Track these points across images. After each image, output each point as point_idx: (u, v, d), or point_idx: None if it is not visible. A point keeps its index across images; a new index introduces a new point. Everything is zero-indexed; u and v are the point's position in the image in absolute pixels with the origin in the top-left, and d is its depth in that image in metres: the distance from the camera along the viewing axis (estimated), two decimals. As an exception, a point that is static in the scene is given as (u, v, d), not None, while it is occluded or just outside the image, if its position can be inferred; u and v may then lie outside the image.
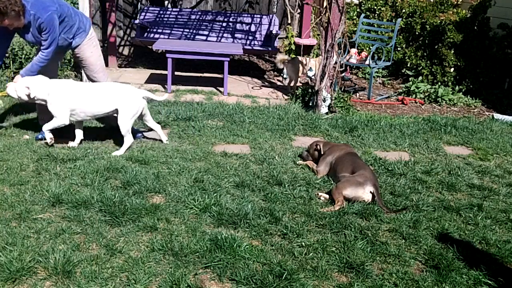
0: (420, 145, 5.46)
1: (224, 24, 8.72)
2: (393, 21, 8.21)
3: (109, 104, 4.77)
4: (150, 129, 5.21)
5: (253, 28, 8.66)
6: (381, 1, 8.87)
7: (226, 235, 3.38)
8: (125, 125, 4.76)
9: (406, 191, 4.31)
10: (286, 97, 7.13)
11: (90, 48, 5.02)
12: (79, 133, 4.93)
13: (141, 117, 4.97)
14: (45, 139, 4.89)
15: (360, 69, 8.78)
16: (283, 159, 4.83)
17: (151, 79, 7.64)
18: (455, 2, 8.30)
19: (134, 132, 5.21)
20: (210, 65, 8.43)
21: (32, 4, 4.55)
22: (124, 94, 4.80)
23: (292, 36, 8.74)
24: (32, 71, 4.79)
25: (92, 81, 5.10)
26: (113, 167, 4.34)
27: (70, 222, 3.50)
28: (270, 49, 8.43)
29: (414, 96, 7.57)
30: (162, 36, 8.38)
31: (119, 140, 5.09)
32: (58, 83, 4.80)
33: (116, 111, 4.78)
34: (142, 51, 9.33)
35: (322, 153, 4.67)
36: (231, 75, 7.67)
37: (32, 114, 5.70)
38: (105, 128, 5.36)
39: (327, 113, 6.32)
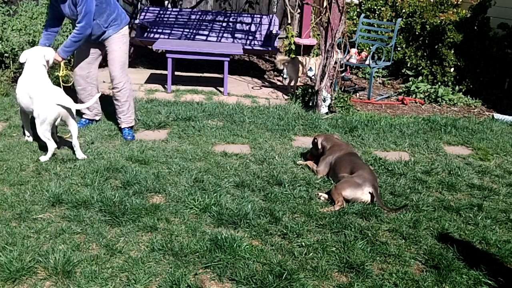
0: (420, 145, 5.46)
1: (224, 24, 8.72)
2: (393, 21, 8.21)
3: (32, 104, 4.56)
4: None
5: (253, 28, 8.66)
6: (381, 1, 8.86)
7: (226, 235, 3.38)
8: (38, 130, 4.47)
9: (406, 191, 4.31)
10: (286, 97, 7.13)
11: (119, 43, 5.08)
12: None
13: (64, 123, 4.64)
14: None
15: (360, 69, 8.78)
16: (283, 159, 4.83)
17: (151, 79, 7.64)
18: (455, 2, 8.30)
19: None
20: (210, 65, 8.43)
21: None
22: (38, 98, 4.47)
23: (292, 36, 8.74)
24: (66, 47, 4.86)
25: (111, 76, 5.12)
26: (113, 167, 4.34)
27: (70, 222, 3.50)
28: (270, 49, 8.43)
29: (414, 96, 7.57)
30: (162, 36, 8.38)
31: (119, 140, 5.09)
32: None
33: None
34: (142, 51, 9.33)
35: (319, 147, 4.67)
36: (231, 75, 7.66)
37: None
38: (105, 129, 5.36)
39: (327, 113, 6.32)
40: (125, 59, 5.17)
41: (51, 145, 4.49)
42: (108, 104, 5.94)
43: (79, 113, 5.31)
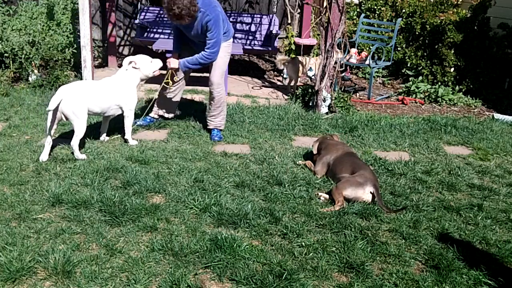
0: (420, 145, 5.46)
1: (224, 24, 8.71)
2: (393, 21, 8.20)
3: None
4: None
5: (253, 28, 8.66)
6: (381, 1, 8.86)
7: (226, 235, 3.38)
8: None
9: (406, 191, 4.31)
10: (286, 97, 7.13)
11: (223, 52, 5.25)
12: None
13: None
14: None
15: (360, 69, 8.78)
16: (283, 159, 4.83)
17: (151, 79, 7.61)
18: (455, 2, 8.30)
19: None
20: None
21: (202, 2, 4.86)
22: None
23: (292, 36, 8.74)
24: (189, 63, 5.18)
25: (210, 81, 5.34)
26: (113, 167, 4.34)
27: (70, 222, 3.50)
28: (270, 49, 8.42)
29: (414, 96, 7.57)
30: (162, 36, 8.37)
31: (120, 140, 5.09)
32: None
33: None
34: (142, 51, 9.31)
35: (314, 152, 4.69)
36: (231, 75, 7.66)
37: (32, 114, 5.71)
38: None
39: (327, 113, 6.32)
40: (225, 67, 5.41)
41: (45, 135, 4.50)
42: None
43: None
